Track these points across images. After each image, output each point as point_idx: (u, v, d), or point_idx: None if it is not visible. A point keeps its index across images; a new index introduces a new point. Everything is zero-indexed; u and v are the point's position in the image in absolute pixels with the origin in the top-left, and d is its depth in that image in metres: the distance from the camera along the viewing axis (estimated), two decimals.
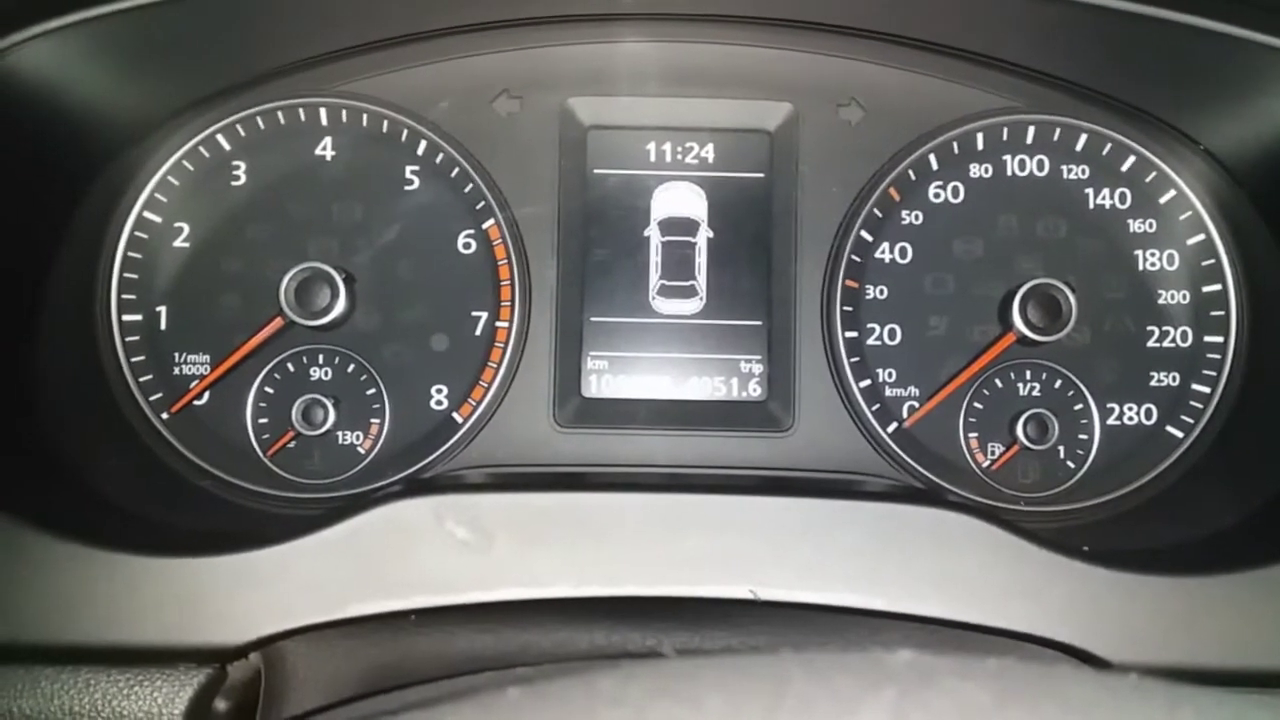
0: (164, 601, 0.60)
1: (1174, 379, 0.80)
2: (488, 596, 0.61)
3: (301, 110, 0.82)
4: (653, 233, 0.83)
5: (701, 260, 0.83)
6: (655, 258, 0.83)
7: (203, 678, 0.60)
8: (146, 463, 0.80)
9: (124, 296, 0.81)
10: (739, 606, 0.62)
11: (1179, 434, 0.80)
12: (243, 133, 0.82)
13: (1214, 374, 0.80)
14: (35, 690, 0.59)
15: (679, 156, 0.83)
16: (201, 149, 0.82)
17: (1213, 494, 0.78)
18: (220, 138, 0.82)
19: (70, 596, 0.60)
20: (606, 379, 0.82)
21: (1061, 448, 0.80)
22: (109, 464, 0.75)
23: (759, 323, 0.82)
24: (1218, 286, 0.80)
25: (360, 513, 0.62)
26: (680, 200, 0.83)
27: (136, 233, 0.81)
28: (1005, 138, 0.82)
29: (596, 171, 0.83)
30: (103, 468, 0.74)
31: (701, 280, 0.83)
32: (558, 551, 0.61)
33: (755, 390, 0.82)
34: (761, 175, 0.82)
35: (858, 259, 0.81)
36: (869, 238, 0.82)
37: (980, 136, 0.81)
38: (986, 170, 0.82)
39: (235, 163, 0.82)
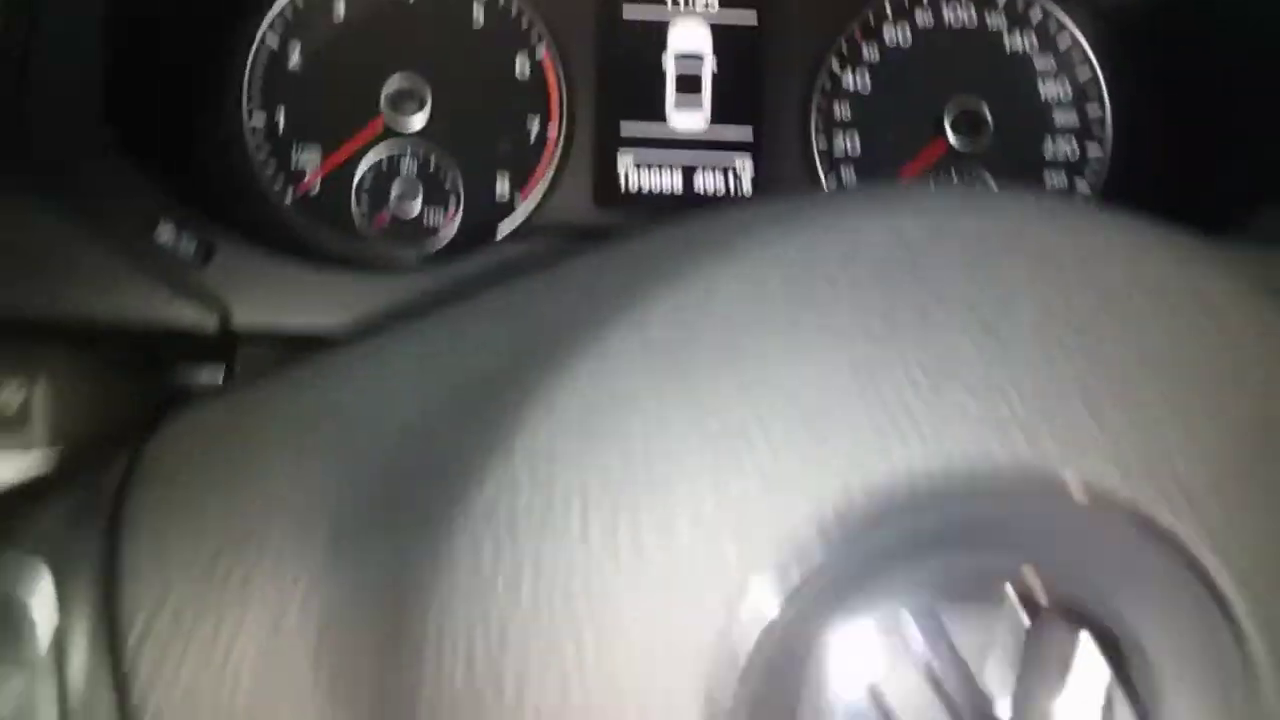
0: None
1: (1064, 179, 1.06)
2: None
3: None
4: (669, 62, 1.06)
5: (707, 85, 1.06)
6: (671, 83, 1.06)
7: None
8: (277, 237, 1.02)
9: (252, 101, 1.02)
10: None
11: None
12: None
13: (1093, 176, 1.06)
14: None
15: (691, 1, 1.05)
16: None
17: None
18: None
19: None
20: (632, 175, 1.06)
21: None
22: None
23: (749, 135, 1.06)
24: (1098, 111, 1.06)
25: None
26: (690, 36, 1.06)
27: (260, 49, 1.02)
28: None
29: (627, 13, 1.05)
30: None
31: (706, 101, 1.06)
32: None
33: (746, 188, 1.06)
34: (754, 16, 1.05)
35: (828, 84, 1.05)
36: (838, 68, 1.05)
37: None
38: (930, 19, 1.06)
39: None
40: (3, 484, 0.48)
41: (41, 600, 0.35)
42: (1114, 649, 0.31)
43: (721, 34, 1.05)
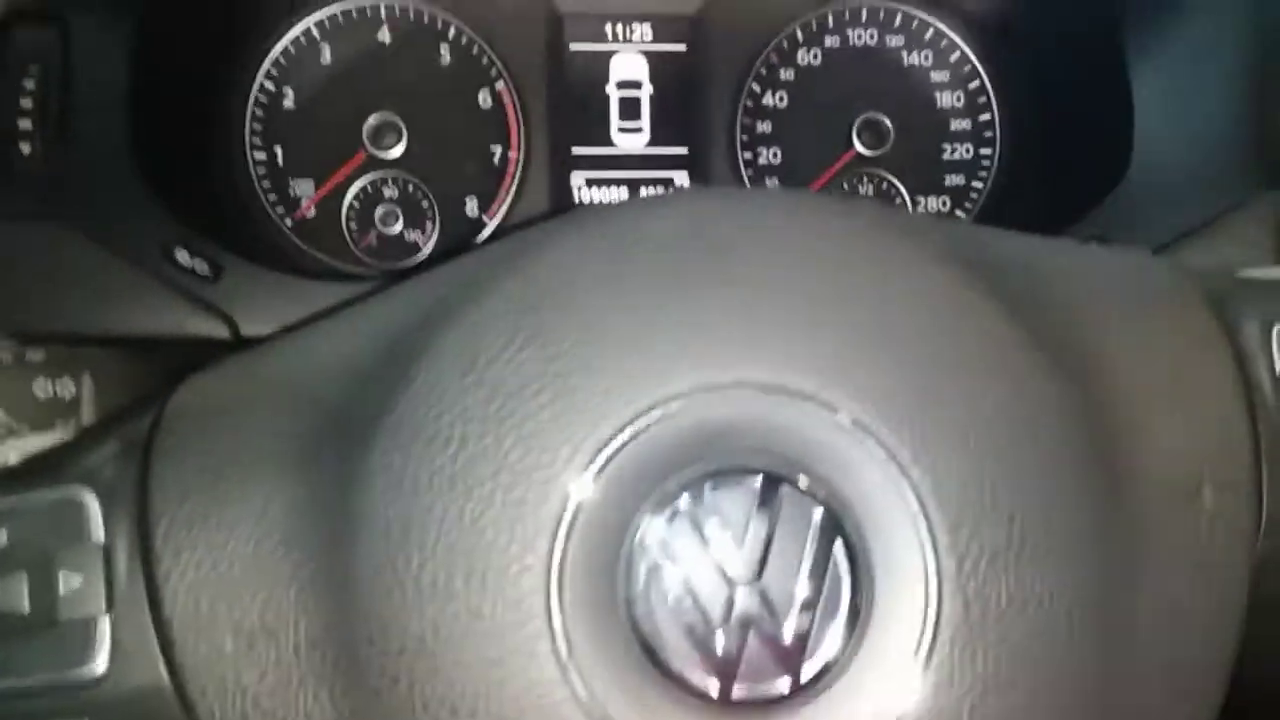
0: None
1: (961, 179, 1.21)
2: None
3: (368, 8, 1.19)
4: (612, 90, 1.21)
5: (646, 109, 1.21)
6: (615, 108, 1.21)
7: None
8: (280, 255, 1.18)
9: (254, 140, 1.18)
10: None
11: (963, 216, 1.22)
12: (327, 25, 1.19)
13: (985, 174, 1.21)
14: None
15: (629, 35, 1.21)
16: (301, 38, 1.18)
17: None
18: (313, 29, 1.18)
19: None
20: (585, 192, 1.21)
21: None
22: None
23: (684, 151, 1.21)
24: (988, 116, 1.21)
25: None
26: (629, 66, 1.21)
27: (259, 95, 1.18)
28: (848, 17, 1.20)
29: (573, 47, 1.21)
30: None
31: (646, 124, 1.21)
32: None
33: None
34: (684, 46, 1.21)
35: (750, 104, 1.21)
36: (758, 89, 1.21)
37: (830, 17, 1.20)
38: (837, 41, 1.21)
39: (322, 45, 1.19)
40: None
41: (92, 518, 0.50)
42: (835, 517, 0.46)
43: (656, 63, 1.21)
